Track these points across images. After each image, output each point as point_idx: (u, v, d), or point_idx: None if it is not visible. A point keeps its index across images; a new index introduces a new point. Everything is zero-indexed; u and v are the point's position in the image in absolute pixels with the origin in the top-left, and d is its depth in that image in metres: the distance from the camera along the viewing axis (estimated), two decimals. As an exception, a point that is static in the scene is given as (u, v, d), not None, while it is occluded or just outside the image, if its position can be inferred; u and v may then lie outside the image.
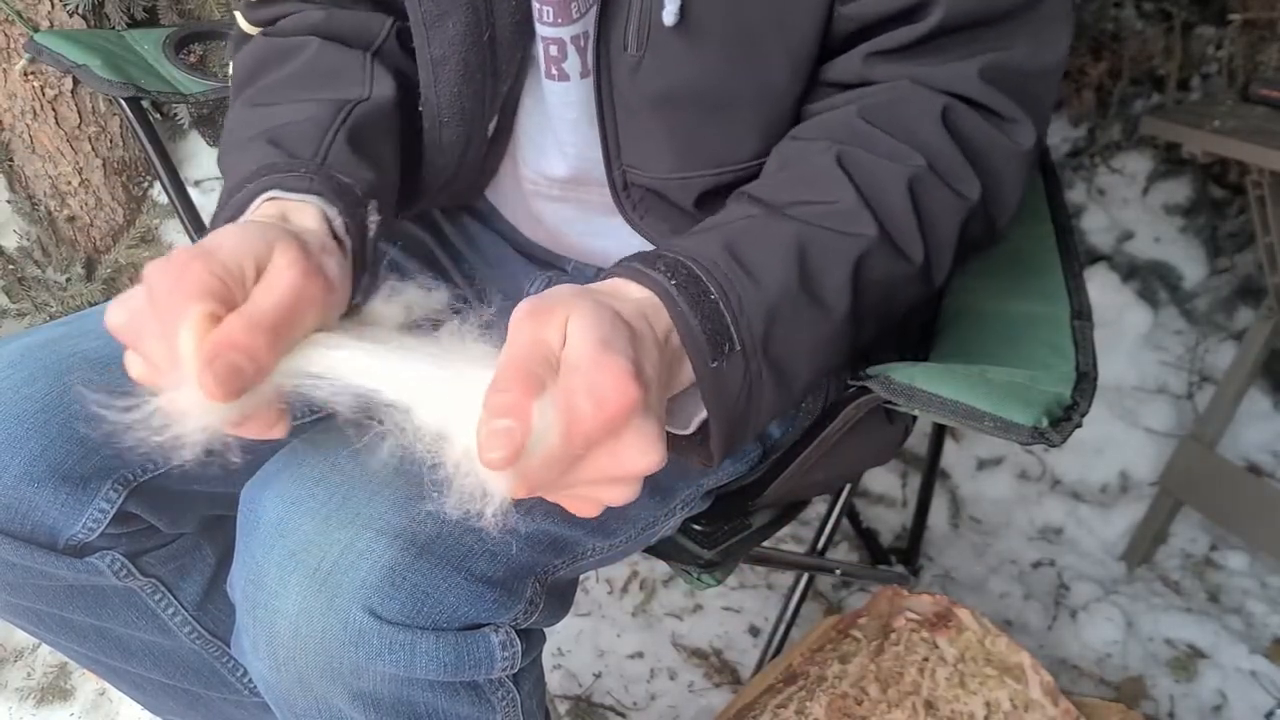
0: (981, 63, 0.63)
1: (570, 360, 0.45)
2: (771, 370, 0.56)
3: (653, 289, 0.52)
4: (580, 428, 0.44)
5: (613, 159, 0.72)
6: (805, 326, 0.57)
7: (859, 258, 0.58)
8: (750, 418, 0.57)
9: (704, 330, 0.52)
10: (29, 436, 0.65)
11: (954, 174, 0.63)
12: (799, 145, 0.65)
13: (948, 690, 0.90)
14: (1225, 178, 1.79)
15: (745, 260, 0.55)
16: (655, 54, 0.66)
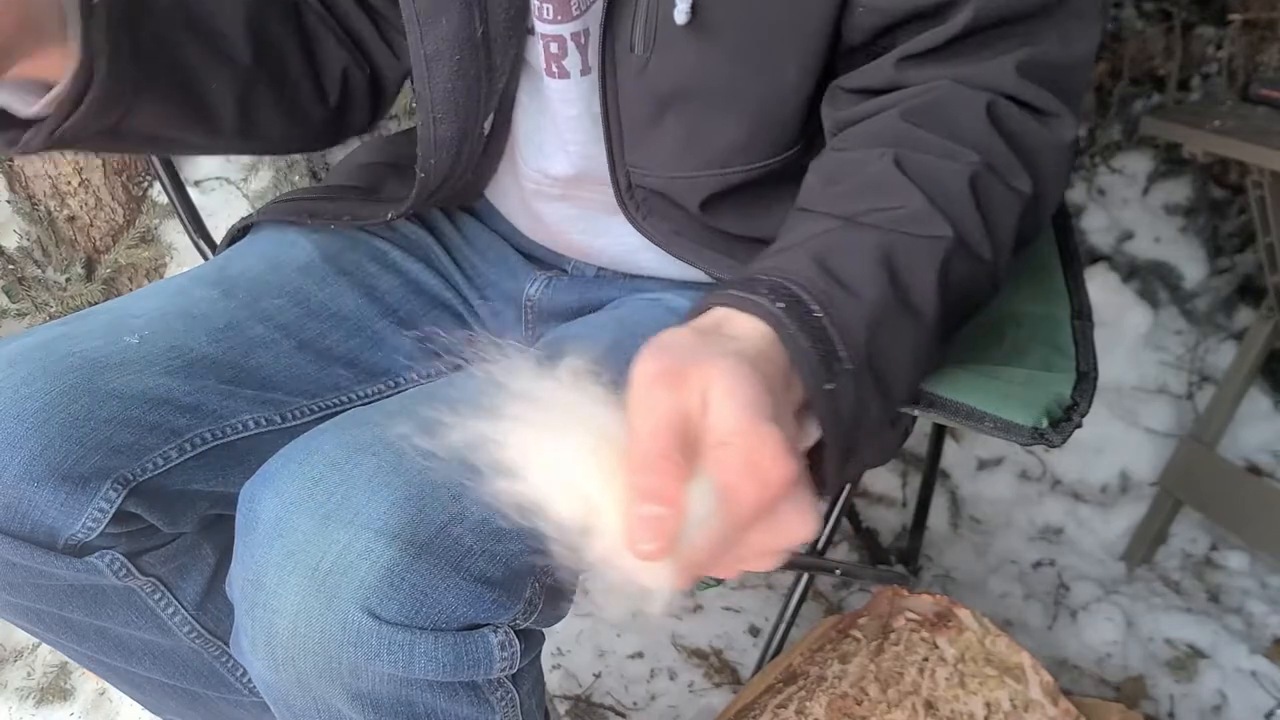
0: (1016, 59, 0.62)
1: (722, 434, 0.41)
2: (876, 384, 0.53)
3: (762, 317, 0.49)
4: (744, 510, 0.41)
5: (617, 159, 0.72)
6: (902, 335, 0.55)
7: (944, 260, 0.57)
8: (860, 437, 0.53)
9: (815, 352, 0.49)
10: (28, 436, 0.65)
11: (1008, 169, 0.61)
12: (850, 156, 0.63)
13: (948, 690, 0.90)
14: (1225, 178, 1.79)
15: (838, 274, 0.53)
16: (663, 53, 0.66)
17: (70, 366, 0.68)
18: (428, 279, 0.87)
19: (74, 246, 1.61)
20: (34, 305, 1.56)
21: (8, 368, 0.67)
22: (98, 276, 1.60)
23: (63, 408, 0.66)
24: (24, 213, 1.56)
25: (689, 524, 0.39)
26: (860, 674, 0.92)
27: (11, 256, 1.56)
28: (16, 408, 0.65)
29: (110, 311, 0.76)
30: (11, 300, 1.56)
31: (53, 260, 1.57)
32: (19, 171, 1.56)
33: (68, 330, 0.72)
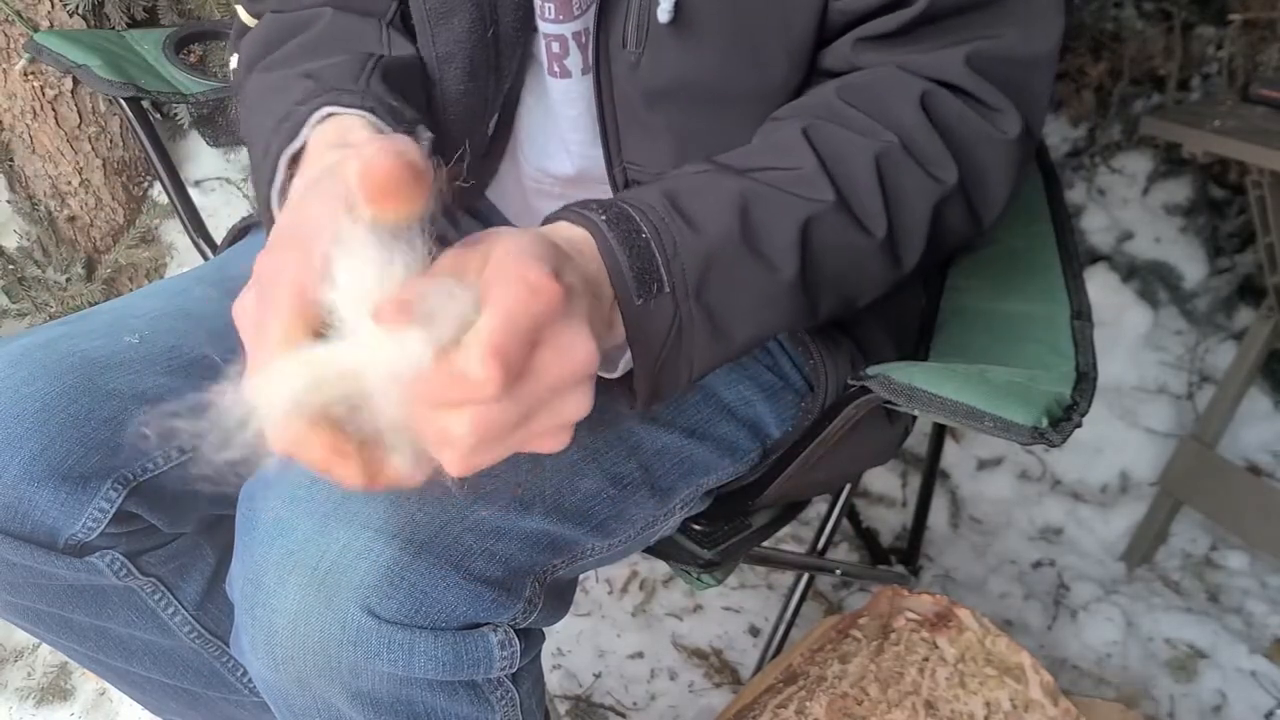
0: (969, 49, 0.63)
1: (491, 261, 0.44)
2: (705, 318, 0.56)
3: (585, 226, 0.53)
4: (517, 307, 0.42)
5: (613, 156, 0.72)
6: (746, 279, 0.57)
7: (808, 219, 0.59)
8: (679, 364, 0.57)
9: (632, 268, 0.53)
10: (29, 436, 0.65)
11: (928, 156, 0.63)
12: (773, 122, 0.66)
13: (948, 690, 0.90)
14: (1225, 178, 1.79)
15: (684, 208, 0.56)
16: (654, 51, 0.66)
17: (71, 366, 0.68)
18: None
19: (74, 246, 1.61)
20: (34, 305, 1.56)
21: (8, 368, 0.67)
22: (98, 276, 1.60)
23: (63, 407, 0.66)
24: (24, 213, 1.56)
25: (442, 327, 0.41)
26: (860, 674, 0.92)
27: (12, 256, 1.56)
28: (17, 407, 0.65)
29: (111, 311, 0.76)
30: (12, 300, 1.56)
31: (53, 260, 1.57)
32: (19, 171, 1.56)
33: (68, 330, 0.72)
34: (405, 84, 0.68)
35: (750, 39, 0.66)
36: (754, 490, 0.80)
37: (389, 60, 0.67)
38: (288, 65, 0.68)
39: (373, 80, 0.63)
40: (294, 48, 0.70)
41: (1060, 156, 1.88)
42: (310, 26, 0.72)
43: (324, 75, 0.63)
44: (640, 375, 0.56)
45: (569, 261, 0.49)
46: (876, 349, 0.78)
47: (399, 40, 0.72)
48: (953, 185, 0.64)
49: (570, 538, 0.66)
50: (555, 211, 0.56)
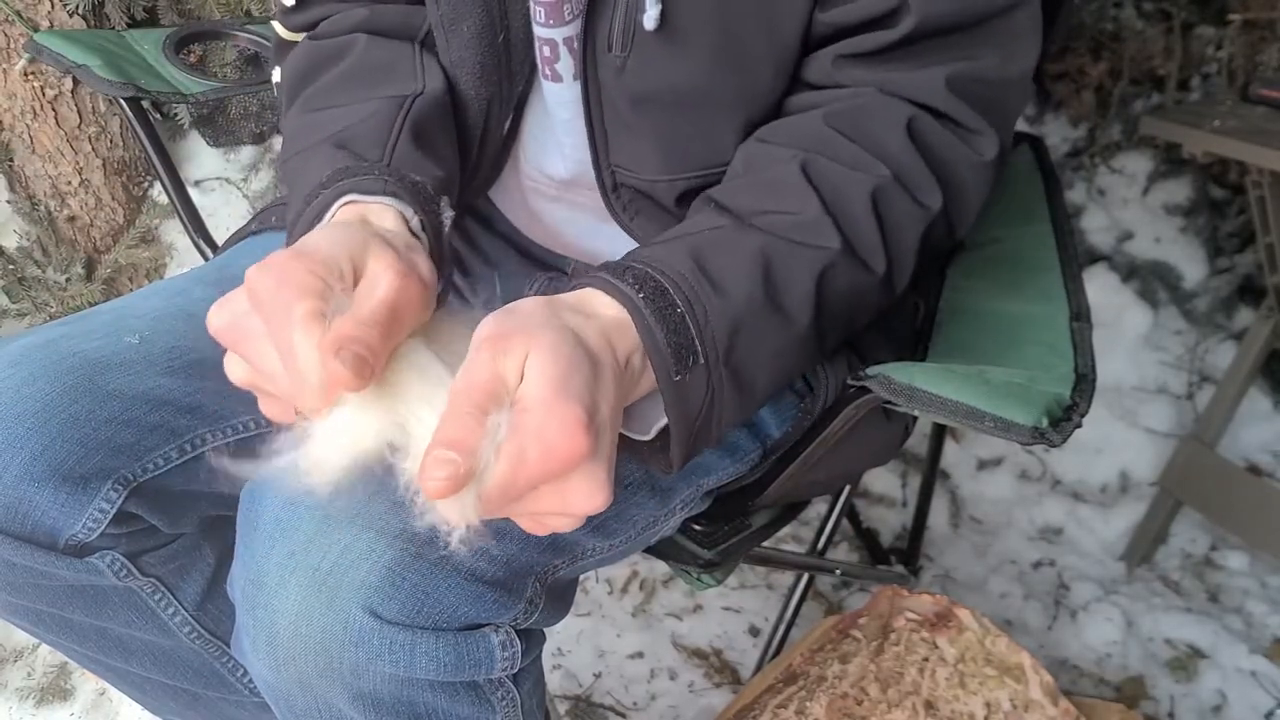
0: (948, 72, 0.64)
1: (524, 401, 0.46)
2: (732, 380, 0.57)
3: (622, 303, 0.53)
4: (525, 471, 0.45)
5: (601, 159, 0.73)
6: (768, 337, 0.58)
7: (823, 270, 0.60)
8: (711, 426, 0.58)
9: (669, 344, 0.53)
10: (29, 436, 0.65)
11: (917, 184, 0.64)
12: (765, 150, 0.66)
13: (948, 690, 0.90)
14: (1225, 178, 1.79)
15: (711, 272, 0.56)
16: (639, 55, 0.66)
17: (71, 367, 0.68)
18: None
19: (74, 246, 1.61)
20: (34, 305, 1.56)
21: (8, 368, 0.67)
22: (98, 276, 1.60)
23: (63, 408, 0.66)
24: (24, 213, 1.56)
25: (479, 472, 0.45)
26: (860, 674, 0.92)
27: (12, 256, 1.56)
28: (17, 408, 0.65)
29: (111, 312, 0.76)
30: (12, 300, 1.56)
31: (53, 260, 1.57)
32: (19, 171, 1.56)
33: (68, 330, 0.72)
34: (437, 127, 0.70)
35: (736, 45, 0.66)
36: (754, 490, 0.80)
37: (422, 104, 0.69)
38: (323, 104, 0.70)
39: (401, 142, 0.65)
40: (328, 84, 0.72)
41: (1060, 156, 1.88)
42: (344, 56, 0.73)
43: (354, 140, 0.65)
44: (678, 444, 0.56)
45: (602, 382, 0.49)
46: (874, 350, 0.78)
47: (432, 67, 0.73)
48: (938, 211, 0.65)
49: (571, 538, 0.66)
50: (586, 276, 0.56)
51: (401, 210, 0.59)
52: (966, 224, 0.70)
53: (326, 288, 0.49)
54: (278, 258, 0.50)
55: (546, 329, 0.48)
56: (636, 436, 0.59)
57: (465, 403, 0.45)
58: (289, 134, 0.71)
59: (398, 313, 0.49)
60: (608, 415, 0.49)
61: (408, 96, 0.69)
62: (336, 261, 0.50)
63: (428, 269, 0.54)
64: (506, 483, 0.45)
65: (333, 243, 0.52)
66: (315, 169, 0.63)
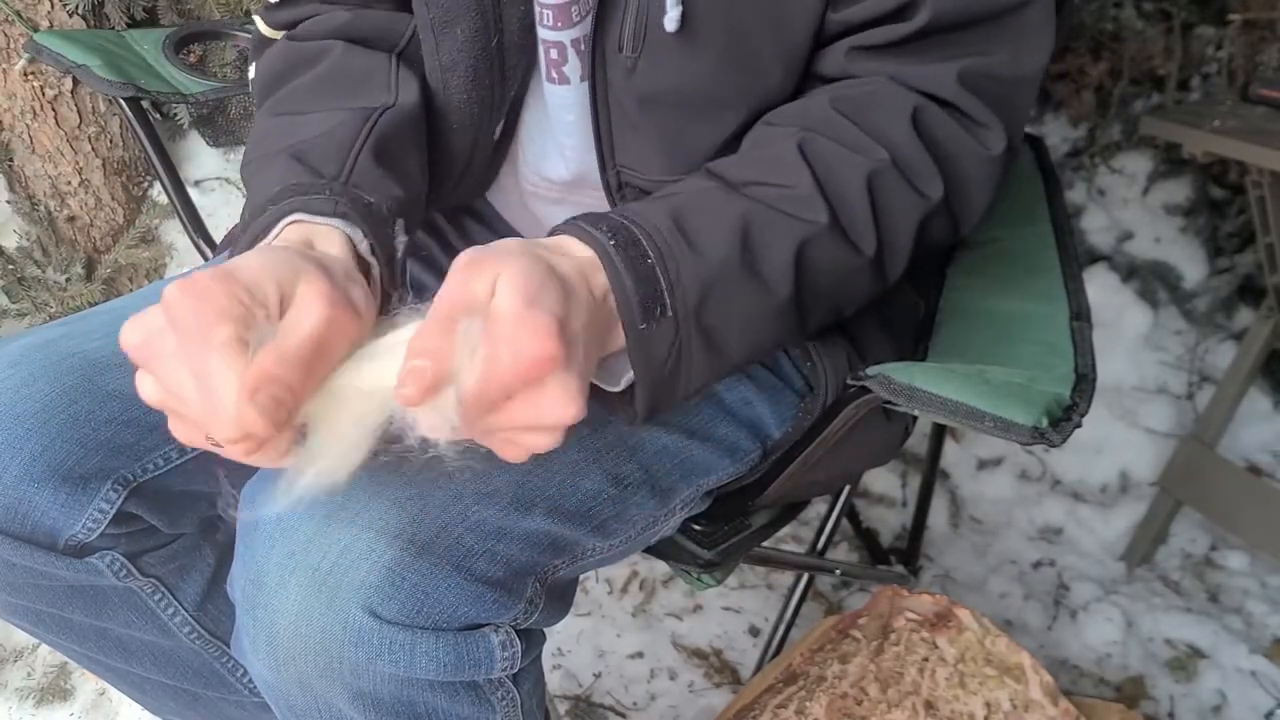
0: (960, 66, 0.64)
1: (495, 313, 0.47)
2: (702, 338, 0.58)
3: (594, 247, 0.55)
4: (497, 376, 0.46)
5: (607, 160, 0.72)
6: (742, 301, 0.59)
7: (804, 241, 0.60)
8: (678, 382, 0.59)
9: (637, 292, 0.55)
10: (29, 437, 0.65)
11: (917, 172, 0.64)
12: (768, 130, 0.67)
13: (947, 690, 0.90)
14: (1225, 178, 1.79)
15: (688, 230, 0.57)
16: (651, 56, 0.66)
17: (71, 367, 0.68)
18: (429, 280, 0.87)
19: (74, 246, 1.61)
20: (34, 305, 1.56)
21: (8, 368, 0.67)
22: (98, 276, 1.60)
23: (63, 408, 0.66)
24: (24, 213, 1.56)
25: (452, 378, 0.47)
26: (860, 674, 0.92)
27: (11, 256, 1.56)
28: (17, 408, 0.65)
29: (111, 311, 0.76)
30: (11, 300, 1.56)
31: (53, 260, 1.57)
32: (19, 171, 1.56)
33: (68, 330, 0.72)
34: (403, 144, 0.69)
35: (747, 46, 0.66)
36: (754, 490, 0.80)
37: (389, 118, 0.68)
38: (291, 109, 0.70)
39: (361, 162, 0.64)
40: (302, 87, 0.72)
41: (1060, 156, 1.88)
42: (319, 61, 0.73)
43: (312, 153, 0.64)
44: (641, 394, 0.58)
45: (574, 302, 0.51)
46: (874, 349, 0.78)
47: (407, 80, 0.72)
48: (938, 201, 0.65)
49: (571, 538, 0.66)
50: (564, 223, 0.57)
51: (350, 233, 0.59)
52: (971, 219, 0.70)
53: (249, 314, 0.48)
54: (201, 277, 0.49)
55: (519, 255, 0.50)
56: (607, 387, 0.60)
57: (437, 317, 0.48)
58: (254, 136, 0.71)
59: (324, 348, 0.49)
60: (578, 331, 0.50)
61: (376, 109, 0.68)
62: (263, 287, 0.50)
63: (363, 299, 0.54)
64: (482, 387, 0.46)
65: (262, 266, 0.51)
66: (269, 180, 0.62)
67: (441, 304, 0.49)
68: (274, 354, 0.47)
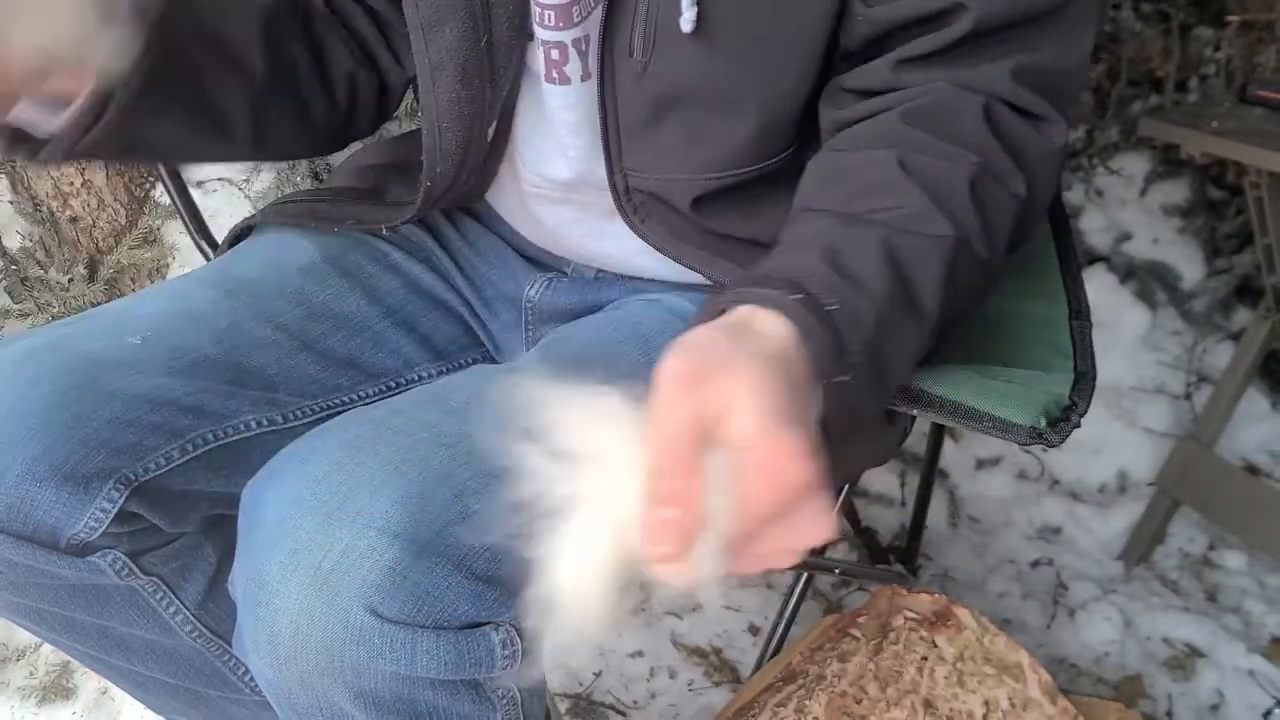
0: (1012, 64, 0.63)
1: (742, 436, 0.42)
2: (879, 378, 0.54)
3: (784, 313, 0.50)
4: (761, 511, 0.42)
5: (614, 163, 0.72)
6: (904, 330, 0.56)
7: (950, 259, 0.58)
8: (857, 430, 0.55)
9: (833, 347, 0.51)
10: (31, 436, 0.65)
11: (1004, 172, 0.63)
12: (851, 157, 0.64)
13: (946, 689, 0.91)
14: (1223, 179, 1.80)
15: (847, 268, 0.54)
16: (662, 58, 0.66)
17: (73, 367, 0.68)
18: (429, 280, 0.87)
19: (76, 247, 1.61)
20: (36, 306, 1.57)
21: (11, 368, 0.67)
22: (100, 277, 1.60)
23: (65, 408, 0.66)
24: (26, 213, 1.56)
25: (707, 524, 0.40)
26: (859, 673, 0.92)
27: (14, 257, 1.56)
28: (19, 408, 0.65)
29: (113, 312, 0.76)
30: (14, 301, 1.56)
31: (55, 261, 1.57)
32: (21, 173, 1.56)
33: (71, 331, 0.72)
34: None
35: (761, 46, 0.66)
36: (754, 490, 0.80)
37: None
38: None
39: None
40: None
41: (1059, 157, 1.88)
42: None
43: None
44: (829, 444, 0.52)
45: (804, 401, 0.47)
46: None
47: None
48: (1024, 196, 0.63)
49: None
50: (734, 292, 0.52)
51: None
52: (1040, 216, 0.67)
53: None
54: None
55: (743, 359, 0.45)
56: None
57: (674, 450, 0.41)
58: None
59: None
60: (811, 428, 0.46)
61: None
62: None
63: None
64: (742, 528, 0.42)
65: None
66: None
67: (672, 430, 0.42)
68: None
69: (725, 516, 0.41)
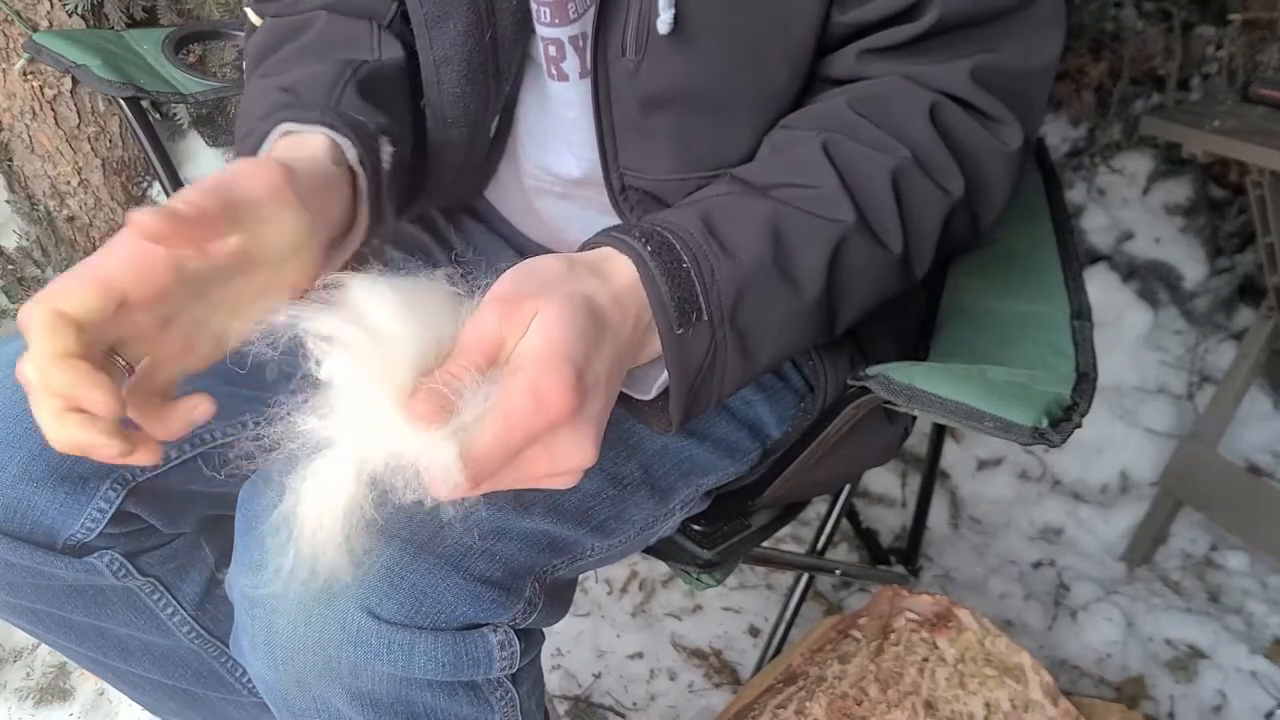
0: (972, 63, 0.64)
1: (519, 359, 0.47)
2: (737, 341, 0.58)
3: (630, 257, 0.55)
4: (516, 425, 0.46)
5: (610, 161, 0.72)
6: (775, 302, 0.59)
7: (833, 241, 0.60)
8: (712, 387, 0.59)
9: (673, 297, 0.55)
10: (28, 436, 0.65)
11: (938, 168, 0.64)
12: (787, 133, 0.66)
13: (947, 690, 0.90)
14: (1225, 178, 1.79)
15: (720, 234, 0.57)
16: (653, 59, 0.66)
17: (70, 366, 0.68)
18: (427, 279, 0.87)
19: (73, 247, 1.61)
20: (34, 305, 1.56)
21: (7, 367, 0.67)
22: (97, 277, 1.60)
23: (62, 408, 0.66)
24: (23, 213, 1.56)
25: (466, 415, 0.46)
26: (860, 674, 0.91)
27: (11, 256, 1.56)
28: (16, 408, 0.65)
29: (110, 311, 0.75)
30: (11, 300, 1.56)
31: (52, 260, 1.57)
32: (18, 171, 1.56)
33: (68, 330, 0.71)
34: (389, 89, 0.70)
35: (750, 46, 0.66)
36: (754, 490, 0.80)
37: (373, 66, 0.69)
38: (278, 72, 0.70)
39: (346, 92, 0.65)
40: (287, 53, 0.72)
41: (1060, 156, 1.88)
42: (305, 31, 0.73)
43: (299, 87, 0.65)
44: (676, 399, 0.57)
45: (604, 340, 0.51)
46: (876, 349, 0.78)
47: (390, 43, 0.72)
48: (960, 196, 0.65)
49: (570, 538, 0.66)
50: (598, 235, 0.57)
51: (335, 139, 0.59)
52: (990, 215, 0.69)
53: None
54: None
55: (560, 290, 0.50)
56: (637, 396, 0.60)
57: (465, 356, 0.47)
58: (245, 101, 0.71)
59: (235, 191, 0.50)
60: (601, 375, 0.50)
61: (359, 61, 0.69)
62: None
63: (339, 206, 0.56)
64: (495, 440, 0.46)
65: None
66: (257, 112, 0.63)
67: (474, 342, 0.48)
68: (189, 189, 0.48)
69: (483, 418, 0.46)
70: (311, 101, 0.63)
